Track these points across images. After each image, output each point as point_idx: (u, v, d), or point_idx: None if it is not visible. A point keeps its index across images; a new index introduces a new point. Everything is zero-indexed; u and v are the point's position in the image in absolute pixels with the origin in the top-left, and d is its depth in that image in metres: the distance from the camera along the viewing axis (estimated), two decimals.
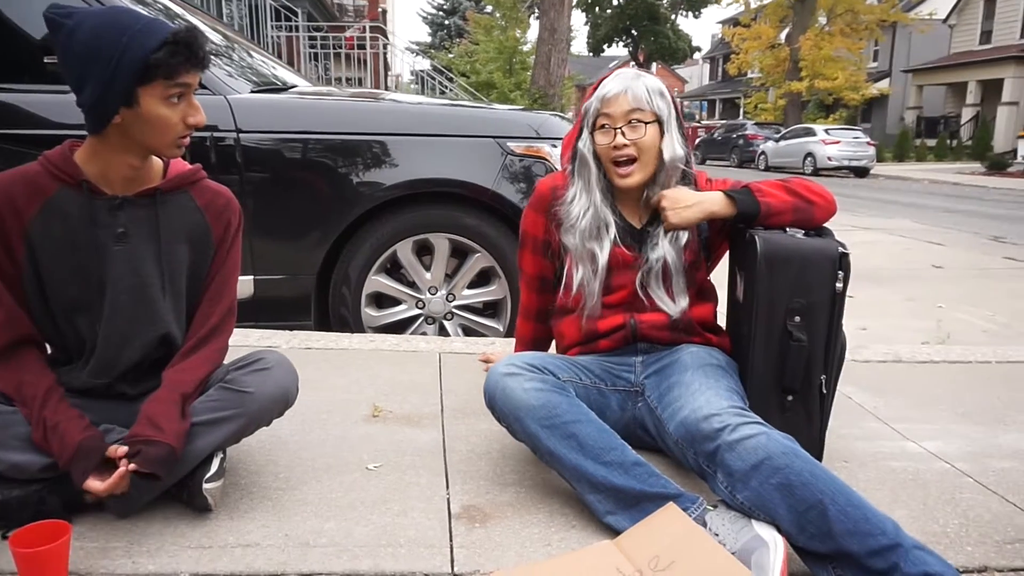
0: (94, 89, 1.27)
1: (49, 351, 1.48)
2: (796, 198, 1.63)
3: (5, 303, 1.38)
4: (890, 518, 1.26)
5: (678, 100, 1.72)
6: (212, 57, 1.33)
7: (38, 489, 1.36)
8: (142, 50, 1.25)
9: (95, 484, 1.31)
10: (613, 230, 1.70)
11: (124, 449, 1.32)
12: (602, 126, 1.66)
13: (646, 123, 1.63)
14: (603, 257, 1.68)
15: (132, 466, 1.31)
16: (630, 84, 1.64)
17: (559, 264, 1.80)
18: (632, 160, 1.65)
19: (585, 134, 1.71)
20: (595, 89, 1.69)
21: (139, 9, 2.52)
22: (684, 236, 1.70)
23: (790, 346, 1.58)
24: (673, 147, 1.66)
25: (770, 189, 1.64)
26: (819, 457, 1.65)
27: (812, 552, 1.28)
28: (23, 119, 2.47)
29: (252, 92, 2.70)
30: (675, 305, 1.70)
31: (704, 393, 1.50)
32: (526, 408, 1.49)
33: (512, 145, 2.72)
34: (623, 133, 1.63)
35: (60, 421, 1.33)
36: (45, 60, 1.32)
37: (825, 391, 1.63)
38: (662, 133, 1.66)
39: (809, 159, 18.27)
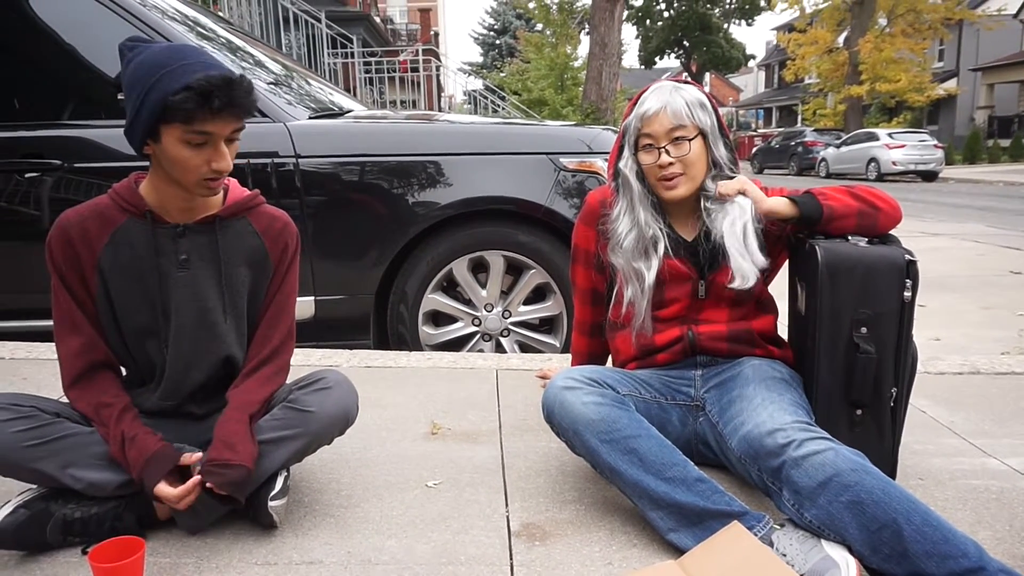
0: (128, 118, 1.34)
1: (124, 374, 1.55)
2: (861, 203, 1.57)
3: (83, 330, 1.45)
4: (972, 539, 1.20)
5: (717, 107, 1.68)
6: (249, 103, 1.35)
7: (114, 506, 1.42)
8: (163, 91, 1.28)
9: (166, 490, 1.35)
10: (663, 246, 1.67)
11: (198, 456, 1.38)
12: (646, 145, 1.64)
13: (690, 139, 1.61)
14: (650, 276, 1.65)
15: (209, 485, 1.35)
16: (669, 100, 1.60)
17: (610, 277, 1.78)
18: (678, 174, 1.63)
19: (627, 153, 1.69)
20: (633, 105, 1.67)
21: (204, 46, 2.65)
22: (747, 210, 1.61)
23: (857, 358, 1.52)
24: (720, 157, 1.65)
25: (833, 193, 1.59)
26: (892, 474, 1.58)
27: (887, 574, 1.23)
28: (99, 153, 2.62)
29: (310, 118, 2.78)
30: (753, 265, 1.59)
31: (767, 407, 1.45)
32: (585, 422, 1.48)
33: (564, 161, 2.72)
34: (667, 152, 1.61)
35: (137, 434, 1.39)
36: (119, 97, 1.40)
37: (896, 404, 1.56)
38: (707, 145, 1.64)
39: (873, 164, 17.66)
